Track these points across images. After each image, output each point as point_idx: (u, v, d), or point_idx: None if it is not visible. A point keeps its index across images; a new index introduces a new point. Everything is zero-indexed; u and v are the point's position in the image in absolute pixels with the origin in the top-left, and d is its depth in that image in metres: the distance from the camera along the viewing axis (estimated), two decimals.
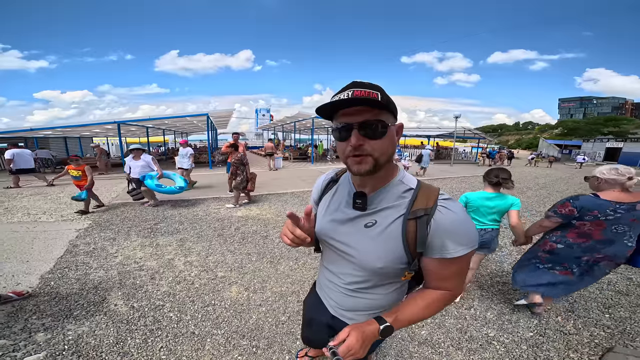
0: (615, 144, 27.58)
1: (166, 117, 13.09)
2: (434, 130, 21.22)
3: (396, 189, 0.77)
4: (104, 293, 2.51)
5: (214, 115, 13.36)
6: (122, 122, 11.96)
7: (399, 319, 0.78)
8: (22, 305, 2.30)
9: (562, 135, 49.81)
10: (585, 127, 44.17)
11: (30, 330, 2.00)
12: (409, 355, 1.94)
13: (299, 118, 16.09)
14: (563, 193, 8.26)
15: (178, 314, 2.24)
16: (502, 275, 3.03)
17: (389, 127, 0.69)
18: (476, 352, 1.97)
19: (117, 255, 3.32)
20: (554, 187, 9.64)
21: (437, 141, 25.05)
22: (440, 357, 1.93)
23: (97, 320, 2.14)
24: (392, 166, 0.79)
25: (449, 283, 0.78)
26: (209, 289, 2.63)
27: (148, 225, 4.42)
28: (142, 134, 22.47)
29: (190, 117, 13.98)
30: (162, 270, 2.95)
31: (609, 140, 29.60)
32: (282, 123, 21.63)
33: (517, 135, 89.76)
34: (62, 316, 2.18)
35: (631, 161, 23.26)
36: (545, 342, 2.06)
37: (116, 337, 1.97)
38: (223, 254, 3.44)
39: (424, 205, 0.72)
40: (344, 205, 0.84)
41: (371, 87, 0.68)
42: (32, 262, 3.11)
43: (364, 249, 0.78)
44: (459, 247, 0.70)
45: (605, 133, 37.19)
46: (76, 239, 3.82)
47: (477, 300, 2.57)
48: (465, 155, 25.67)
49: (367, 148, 0.68)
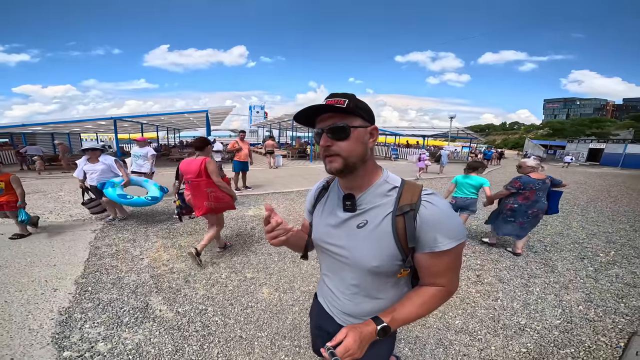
0: (597, 145, 28.78)
1: (164, 113, 12.85)
2: (428, 130, 21.61)
3: (381, 188, 0.81)
4: (144, 298, 2.51)
5: (213, 112, 13.22)
6: (118, 118, 11.69)
7: (395, 318, 0.79)
8: (70, 312, 2.28)
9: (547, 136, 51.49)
10: (570, 128, 45.79)
11: (90, 340, 1.99)
12: (449, 343, 2.08)
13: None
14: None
15: (223, 318, 2.28)
16: (517, 270, 3.21)
17: (353, 129, 0.75)
18: (513, 337, 2.16)
19: (143, 257, 3.32)
20: None
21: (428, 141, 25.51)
22: (480, 344, 2.09)
23: (149, 328, 2.14)
24: (375, 168, 0.84)
25: (442, 279, 0.80)
26: (242, 291, 2.68)
27: (164, 226, 4.41)
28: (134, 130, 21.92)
29: (188, 114, 13.78)
30: (192, 273, 2.97)
31: (592, 141, 30.85)
32: (279, 120, 21.55)
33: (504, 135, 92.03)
34: (114, 324, 2.17)
35: (613, 161, 24.34)
36: (574, 328, 2.28)
37: (173, 345, 1.97)
38: (246, 254, 3.49)
39: (409, 201, 0.76)
40: (336, 209, 0.87)
41: (342, 96, 0.75)
42: (59, 265, 3.07)
43: (358, 250, 0.81)
44: (446, 240, 0.73)
45: (589, 134, 38.68)
46: (95, 240, 3.78)
47: (502, 293, 2.77)
48: (456, 154, 26.28)
49: (335, 149, 0.75)
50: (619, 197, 8.48)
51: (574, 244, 4.16)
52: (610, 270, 3.33)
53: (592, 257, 3.70)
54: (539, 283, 2.97)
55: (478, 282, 2.97)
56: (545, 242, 4.18)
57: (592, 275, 3.18)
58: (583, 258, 3.66)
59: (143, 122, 15.44)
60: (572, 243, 4.21)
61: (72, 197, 6.33)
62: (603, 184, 11.66)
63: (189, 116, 14.78)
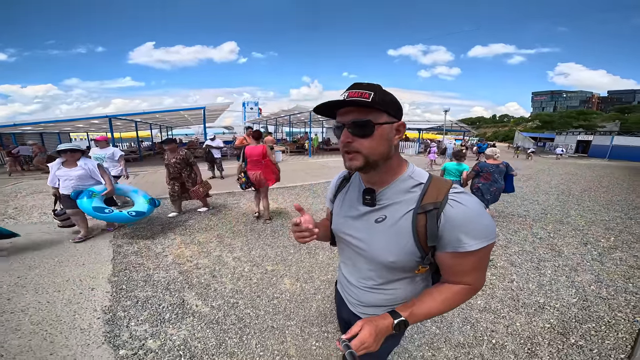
0: (585, 137, 29.61)
1: (159, 110, 12.67)
2: (422, 123, 21.88)
3: (405, 184, 0.78)
4: (178, 294, 2.56)
5: (210, 109, 13.10)
6: (113, 117, 11.49)
7: (414, 313, 0.76)
8: (113, 311, 2.31)
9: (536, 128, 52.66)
10: (559, 121, 46.86)
11: (139, 338, 2.03)
12: (475, 321, 2.24)
13: (296, 112, 16.06)
14: (550, 184, 8.95)
15: (254, 310, 2.36)
16: (526, 255, 3.39)
17: (377, 126, 0.70)
18: (535, 314, 2.33)
19: (166, 254, 3.36)
20: (539, 178, 10.36)
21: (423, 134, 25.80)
22: (505, 321, 2.25)
23: (191, 323, 2.19)
24: (400, 162, 0.80)
25: (468, 277, 0.76)
26: (266, 283, 2.77)
27: (179, 223, 4.44)
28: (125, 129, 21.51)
29: (183, 111, 13.62)
30: (217, 268, 3.04)
31: (580, 133, 31.71)
32: (275, 116, 21.45)
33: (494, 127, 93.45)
34: (157, 321, 2.21)
35: (601, 153, 25.14)
36: (590, 306, 2.46)
37: (216, 339, 2.03)
38: (263, 248, 3.57)
39: (433, 199, 0.72)
40: (356, 202, 0.86)
41: (366, 88, 0.70)
42: (87, 264, 3.09)
43: (375, 244, 0.80)
44: (472, 240, 0.69)
45: (576, 126, 39.72)
46: (115, 238, 3.79)
47: (515, 275, 2.96)
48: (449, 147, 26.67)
49: (356, 145, 0.71)
50: (610, 187, 8.84)
51: (575, 231, 4.38)
52: (614, 254, 3.55)
53: (594, 243, 3.91)
54: (549, 266, 3.16)
55: (491, 265, 3.14)
56: (548, 230, 4.39)
57: (597, 259, 3.38)
58: (586, 243, 3.88)
59: (137, 120, 15.19)
60: (574, 230, 4.43)
61: None
62: (593, 175, 12.08)
63: (184, 113, 14.61)
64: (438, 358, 1.89)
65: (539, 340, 2.04)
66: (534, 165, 16.00)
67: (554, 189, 8.00)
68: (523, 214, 5.25)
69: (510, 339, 2.06)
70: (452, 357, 1.89)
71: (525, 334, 2.11)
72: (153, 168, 10.97)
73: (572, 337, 2.09)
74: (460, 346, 1.99)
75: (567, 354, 1.92)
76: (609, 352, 1.94)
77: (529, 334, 2.11)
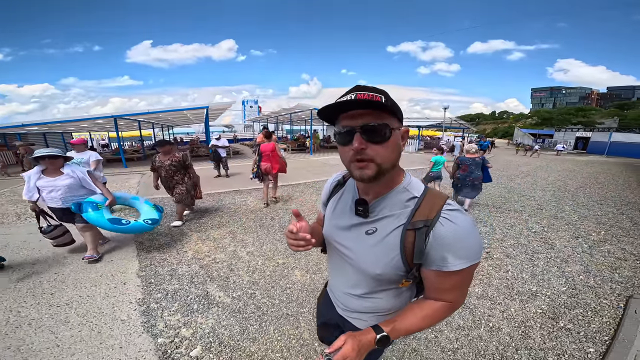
0: (584, 133, 29.84)
1: (163, 110, 12.84)
2: (422, 120, 22.07)
3: (399, 197, 0.75)
4: (202, 287, 2.76)
5: (213, 108, 13.27)
6: (118, 117, 11.67)
7: (396, 328, 0.77)
8: (146, 303, 2.51)
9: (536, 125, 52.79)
10: (558, 117, 47.06)
11: (173, 327, 2.21)
12: (474, 307, 2.48)
13: (296, 110, 16.23)
14: (547, 180, 9.19)
15: (269, 299, 2.57)
16: (521, 247, 3.63)
17: (393, 131, 0.67)
18: (527, 301, 2.57)
19: (186, 250, 3.57)
20: (537, 174, 10.58)
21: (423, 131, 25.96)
22: (501, 307, 2.49)
23: (216, 312, 2.39)
24: (397, 172, 0.76)
25: (449, 295, 0.77)
26: (278, 275, 2.98)
27: (193, 220, 4.67)
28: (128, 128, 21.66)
29: (186, 111, 13.79)
30: (234, 262, 3.26)
31: (578, 129, 31.93)
32: (276, 114, 21.61)
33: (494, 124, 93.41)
34: (187, 311, 2.40)
35: (599, 149, 25.37)
36: (579, 294, 2.70)
37: (240, 326, 2.22)
38: (273, 243, 3.80)
39: (425, 216, 0.70)
40: (348, 211, 0.84)
41: (375, 91, 0.66)
42: (116, 260, 3.28)
43: (363, 256, 0.79)
44: (457, 260, 0.68)
45: (575, 123, 39.91)
46: (135, 235, 3.97)
47: (510, 266, 3.20)
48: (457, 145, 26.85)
49: (370, 153, 0.66)
50: (605, 184, 9.06)
51: (568, 225, 4.63)
52: (603, 247, 3.79)
53: (585, 236, 4.16)
54: (542, 258, 3.41)
55: (488, 257, 3.39)
56: (542, 224, 4.63)
57: (587, 251, 3.62)
58: (577, 237, 4.12)
59: (140, 119, 15.35)
60: (567, 224, 4.68)
61: None
62: (591, 171, 12.30)
63: (186, 113, 14.78)
64: (440, 339, 2.11)
65: (532, 324, 2.28)
66: (533, 161, 16.21)
67: (551, 185, 8.23)
68: (519, 209, 5.49)
69: (506, 322, 2.30)
70: (454, 339, 2.12)
71: (519, 318, 2.35)
72: None
73: (561, 321, 2.32)
74: (460, 329, 2.22)
75: (557, 336, 2.16)
76: (594, 334, 2.17)
77: (522, 318, 2.35)
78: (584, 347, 2.05)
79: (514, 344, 2.07)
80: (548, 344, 2.07)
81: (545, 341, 2.10)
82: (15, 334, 2.10)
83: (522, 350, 2.01)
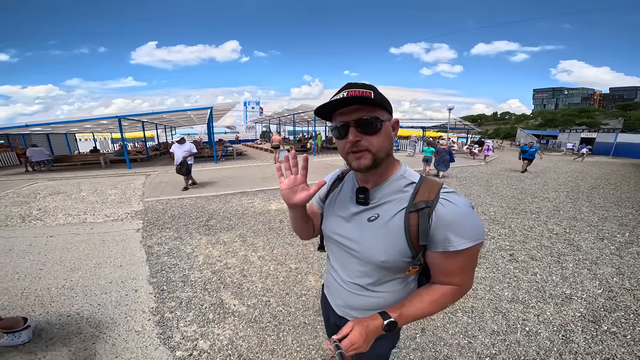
0: (589, 134, 29.61)
1: (167, 111, 12.76)
2: (426, 121, 21.95)
3: (397, 183, 0.79)
4: (216, 294, 2.62)
5: (217, 108, 13.19)
6: (122, 117, 11.61)
7: (403, 314, 0.77)
8: (160, 312, 2.38)
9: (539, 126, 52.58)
10: (561, 118, 46.89)
11: (191, 339, 2.08)
12: (506, 311, 2.34)
13: (300, 111, 16.15)
14: (557, 181, 9.03)
15: (285, 307, 2.43)
16: (545, 249, 3.48)
17: (383, 122, 0.72)
18: (563, 304, 2.44)
19: (196, 254, 3.44)
20: (546, 175, 10.41)
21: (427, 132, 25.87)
22: (535, 310, 2.35)
23: (233, 322, 2.26)
24: (393, 162, 0.81)
25: (456, 278, 0.78)
26: (292, 281, 2.84)
27: (201, 223, 4.54)
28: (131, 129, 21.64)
29: (190, 111, 13.72)
30: (245, 267, 3.12)
31: (583, 130, 31.73)
32: (279, 115, 21.54)
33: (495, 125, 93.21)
34: (203, 321, 2.27)
35: (605, 150, 25.13)
36: (616, 296, 2.57)
37: (257, 337, 2.09)
38: (284, 247, 3.65)
39: (425, 197, 0.73)
40: (348, 201, 0.86)
41: (364, 87, 0.72)
42: (125, 266, 3.15)
43: (368, 243, 0.80)
44: (462, 240, 0.70)
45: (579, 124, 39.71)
46: (144, 239, 3.87)
47: (538, 269, 3.06)
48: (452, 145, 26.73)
49: (365, 143, 0.72)
50: (618, 185, 8.88)
51: (590, 227, 4.47)
52: (631, 248, 3.64)
53: (610, 238, 4.00)
54: (570, 260, 3.27)
55: (513, 260, 3.24)
56: (563, 226, 4.48)
57: (615, 253, 3.48)
58: (602, 239, 3.97)
59: (144, 120, 15.30)
60: (588, 226, 4.52)
61: (96, 197, 6.41)
62: (600, 172, 12.11)
63: (190, 113, 14.71)
64: (475, 345, 1.98)
65: (572, 328, 2.15)
66: (539, 162, 16.01)
67: (563, 187, 8.06)
68: (535, 211, 5.33)
69: (543, 326, 2.17)
70: (489, 344, 1.99)
71: (556, 322, 2.22)
72: (163, 168, 11.07)
73: (604, 324, 2.20)
74: (495, 334, 2.09)
75: (602, 340, 2.04)
76: None
77: (561, 322, 2.22)
78: (633, 350, 1.93)
79: (555, 348, 1.95)
80: (594, 348, 1.95)
81: (591, 345, 1.98)
82: None
83: (567, 355, 1.89)
